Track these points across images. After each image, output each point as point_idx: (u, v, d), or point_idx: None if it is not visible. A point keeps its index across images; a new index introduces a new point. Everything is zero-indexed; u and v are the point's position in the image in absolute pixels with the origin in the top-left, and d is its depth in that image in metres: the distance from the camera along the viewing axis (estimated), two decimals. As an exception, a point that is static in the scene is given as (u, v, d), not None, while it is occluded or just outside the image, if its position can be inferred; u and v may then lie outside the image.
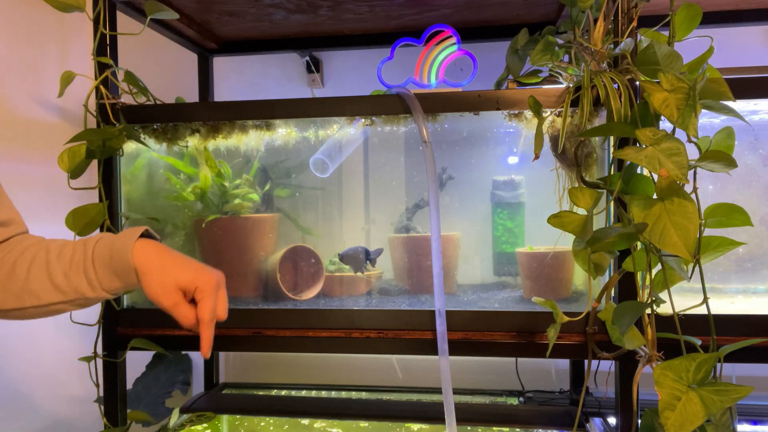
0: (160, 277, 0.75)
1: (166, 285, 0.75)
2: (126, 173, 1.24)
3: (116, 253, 0.77)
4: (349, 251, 1.26)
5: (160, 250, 0.78)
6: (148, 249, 0.77)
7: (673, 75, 0.85)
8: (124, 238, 0.78)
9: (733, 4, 1.35)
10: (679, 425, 0.77)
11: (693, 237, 0.81)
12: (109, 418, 1.18)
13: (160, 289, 0.75)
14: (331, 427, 1.48)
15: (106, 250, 0.78)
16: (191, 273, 0.76)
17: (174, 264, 0.77)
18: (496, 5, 1.33)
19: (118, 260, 0.77)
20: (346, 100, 1.15)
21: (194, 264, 0.78)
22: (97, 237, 0.81)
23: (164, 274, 0.75)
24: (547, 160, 1.16)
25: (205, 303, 0.76)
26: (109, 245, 0.78)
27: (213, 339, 0.77)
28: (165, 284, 0.75)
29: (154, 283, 0.75)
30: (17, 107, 1.39)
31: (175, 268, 0.76)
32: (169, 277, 0.75)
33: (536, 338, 1.09)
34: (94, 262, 0.78)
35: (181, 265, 0.77)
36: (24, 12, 1.41)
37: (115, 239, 0.79)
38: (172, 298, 0.75)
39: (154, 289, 0.75)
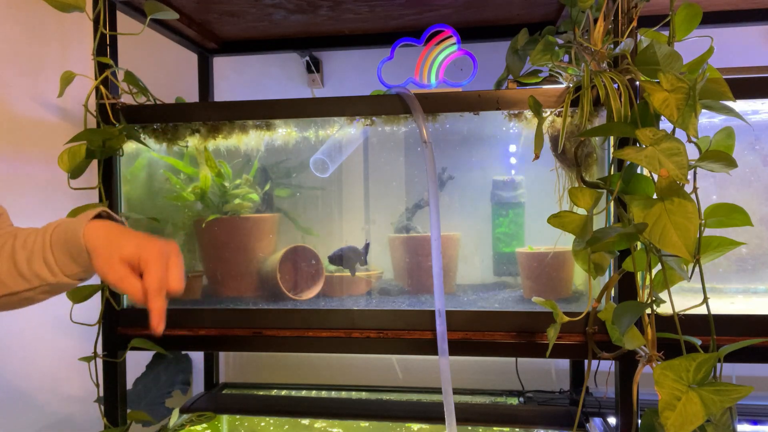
0: (105, 251, 0.73)
1: (110, 259, 0.72)
2: (126, 173, 1.24)
3: (70, 235, 0.76)
4: (338, 252, 1.26)
5: (110, 228, 0.76)
6: (97, 228, 0.75)
7: (673, 75, 0.85)
8: (78, 220, 0.77)
9: (733, 4, 1.35)
10: (679, 425, 0.77)
11: (693, 237, 0.81)
12: (109, 418, 1.18)
13: (105, 264, 0.73)
14: (331, 426, 1.49)
15: (62, 235, 0.77)
16: (133, 242, 0.73)
17: (118, 238, 0.74)
18: (496, 5, 1.33)
19: (72, 242, 0.75)
20: (346, 100, 1.15)
21: (140, 236, 0.75)
22: (57, 222, 0.80)
23: (108, 249, 0.73)
24: (547, 160, 1.16)
25: (150, 272, 0.71)
26: (65, 228, 0.77)
27: (165, 312, 0.72)
28: (109, 258, 0.72)
29: (100, 259, 0.73)
30: (17, 107, 1.39)
31: (118, 241, 0.74)
32: (113, 251, 0.73)
33: (536, 338, 1.09)
34: (52, 247, 0.77)
35: (125, 237, 0.74)
36: (24, 12, 1.41)
37: (71, 222, 0.78)
38: (118, 272, 0.72)
39: (100, 265, 0.73)
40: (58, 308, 1.16)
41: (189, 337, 1.19)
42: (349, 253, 1.15)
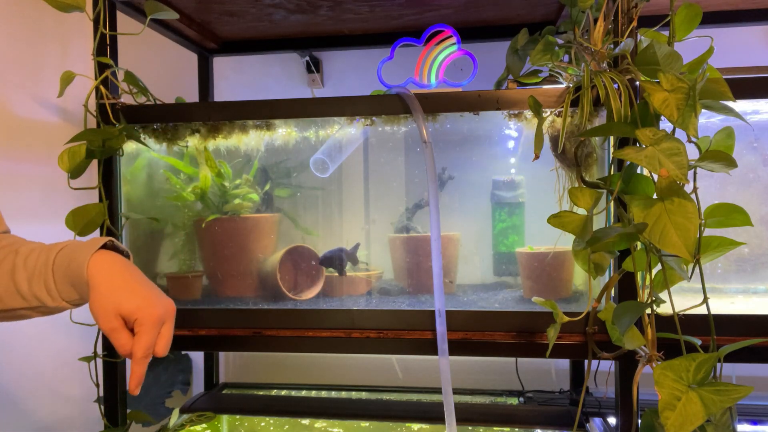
0: (103, 297, 0.72)
1: (106, 308, 0.71)
2: (126, 173, 1.24)
3: (73, 264, 0.75)
4: (327, 254, 1.25)
5: (115, 267, 0.74)
6: (102, 264, 0.74)
7: (673, 75, 0.85)
8: (83, 249, 0.76)
9: (733, 4, 1.35)
10: (679, 425, 0.77)
11: (693, 237, 0.81)
12: (109, 418, 1.18)
13: (101, 310, 0.71)
14: (332, 426, 1.49)
15: (66, 260, 0.76)
16: (135, 302, 0.72)
17: (121, 287, 0.73)
18: (496, 5, 1.33)
19: (75, 272, 0.74)
20: (346, 100, 1.15)
21: (143, 291, 0.74)
22: (62, 244, 0.79)
23: (107, 296, 0.72)
24: (547, 160, 1.16)
25: (141, 338, 0.71)
26: (69, 255, 0.76)
27: (143, 376, 0.72)
28: (105, 307, 0.71)
29: (96, 302, 0.72)
30: (17, 107, 1.39)
31: (120, 292, 0.72)
32: (111, 300, 0.71)
33: (536, 338, 1.09)
34: (54, 272, 0.76)
35: (127, 289, 0.73)
36: (24, 12, 1.41)
37: (75, 249, 0.76)
38: (110, 323, 0.71)
39: (95, 308, 0.72)
40: (58, 308, 1.16)
41: (189, 337, 1.19)
42: (338, 254, 1.15)
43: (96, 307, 0.72)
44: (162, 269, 1.37)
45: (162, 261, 1.38)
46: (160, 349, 0.73)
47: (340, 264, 1.25)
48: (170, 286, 1.31)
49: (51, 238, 1.39)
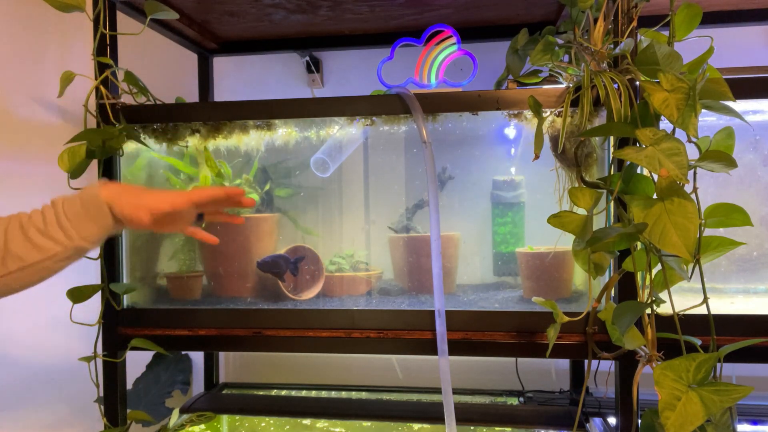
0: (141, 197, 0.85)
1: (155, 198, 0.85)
2: (126, 173, 1.24)
3: (86, 199, 0.83)
4: (267, 259, 1.24)
5: (125, 185, 0.89)
6: (113, 188, 0.86)
7: (673, 75, 0.85)
8: (86, 189, 0.86)
9: (733, 4, 1.35)
10: (679, 425, 0.77)
11: (693, 237, 0.81)
12: (109, 418, 1.18)
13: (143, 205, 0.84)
14: (333, 426, 1.49)
15: (76, 201, 0.84)
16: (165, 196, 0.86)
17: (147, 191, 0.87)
18: (496, 5, 1.33)
19: (90, 205, 0.83)
20: (346, 100, 1.15)
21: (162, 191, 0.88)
22: (59, 198, 0.85)
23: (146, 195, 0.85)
24: (547, 160, 1.16)
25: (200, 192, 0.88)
26: (75, 198, 0.84)
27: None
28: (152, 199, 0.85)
29: (133, 203, 0.84)
30: (17, 107, 1.39)
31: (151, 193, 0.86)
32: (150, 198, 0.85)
33: (536, 338, 1.09)
34: (66, 214, 0.82)
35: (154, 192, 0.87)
36: (24, 12, 1.41)
37: (80, 193, 0.85)
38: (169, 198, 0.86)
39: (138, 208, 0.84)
40: (58, 308, 1.16)
41: (189, 337, 1.19)
42: (278, 260, 1.14)
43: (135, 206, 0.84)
44: (162, 269, 1.37)
45: (162, 261, 1.38)
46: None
47: (278, 270, 1.23)
48: (170, 286, 1.31)
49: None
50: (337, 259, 1.32)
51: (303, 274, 1.31)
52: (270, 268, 1.24)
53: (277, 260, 1.17)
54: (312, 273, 1.31)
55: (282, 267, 1.19)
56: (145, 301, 1.29)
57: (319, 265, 1.30)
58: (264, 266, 1.23)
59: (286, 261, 1.12)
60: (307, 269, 1.31)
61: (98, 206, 0.83)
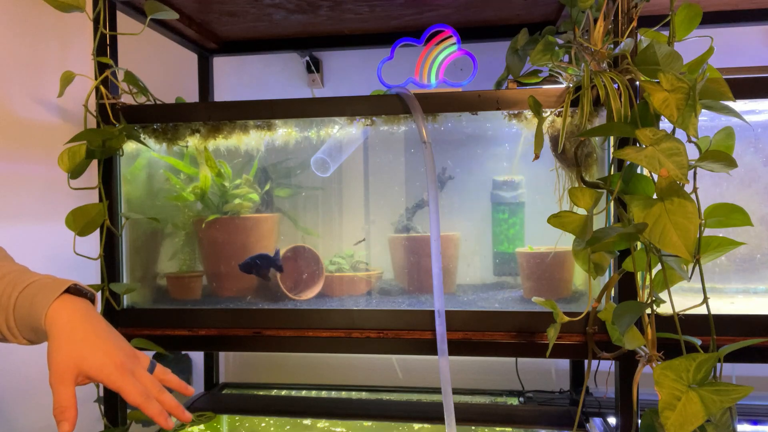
0: (62, 351, 0.69)
1: (64, 362, 0.69)
2: (126, 173, 1.24)
3: (33, 309, 0.72)
4: (248, 260, 1.23)
5: (74, 316, 0.72)
6: (61, 313, 0.71)
7: (673, 75, 0.85)
8: (45, 293, 0.73)
9: (733, 4, 1.35)
10: (679, 425, 0.77)
11: (693, 237, 0.81)
12: (109, 418, 1.18)
13: (58, 363, 0.69)
14: (334, 426, 1.48)
15: (27, 303, 0.73)
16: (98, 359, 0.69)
17: (82, 340, 0.70)
18: (496, 5, 1.33)
19: (34, 317, 0.72)
20: (346, 100, 1.15)
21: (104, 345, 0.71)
22: (28, 281, 0.75)
23: (67, 351, 0.69)
24: (547, 160, 1.16)
25: (125, 387, 0.69)
26: (31, 298, 0.73)
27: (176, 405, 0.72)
28: (64, 361, 0.69)
29: (54, 354, 0.69)
30: (17, 107, 1.39)
31: (81, 345, 0.70)
32: (71, 355, 0.69)
33: (536, 338, 1.09)
34: (15, 312, 0.74)
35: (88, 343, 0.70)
36: (24, 12, 1.41)
37: (39, 290, 0.73)
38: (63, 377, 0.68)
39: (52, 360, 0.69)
40: (58, 308, 1.16)
41: (189, 337, 1.19)
42: (259, 260, 1.13)
43: (53, 359, 0.69)
44: (162, 269, 1.37)
45: (162, 261, 1.38)
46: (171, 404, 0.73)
47: (261, 270, 1.22)
48: (170, 286, 1.31)
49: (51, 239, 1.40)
50: (337, 259, 1.32)
51: (302, 274, 1.31)
52: (251, 269, 1.23)
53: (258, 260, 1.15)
54: (312, 273, 1.31)
55: (263, 265, 1.17)
56: (145, 301, 1.29)
57: (319, 265, 1.30)
58: (245, 267, 1.23)
59: (267, 259, 1.10)
60: (307, 269, 1.31)
61: (40, 328, 0.72)
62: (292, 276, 1.31)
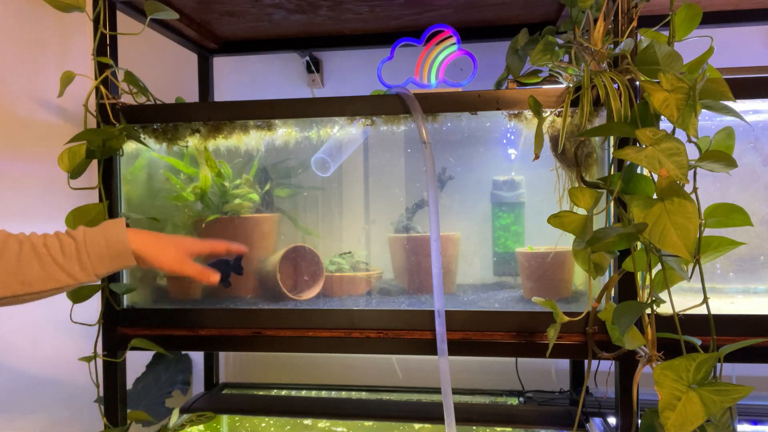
0: (169, 249, 0.91)
1: (178, 253, 0.92)
2: (126, 173, 1.24)
3: (112, 241, 0.86)
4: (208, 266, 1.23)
5: (152, 233, 0.92)
6: (140, 235, 0.90)
7: (673, 75, 0.85)
8: (114, 228, 0.88)
9: (733, 4, 1.35)
10: (679, 425, 0.77)
11: (693, 237, 0.81)
12: (109, 418, 1.18)
13: (174, 256, 0.92)
14: (335, 426, 1.49)
15: (101, 241, 0.86)
16: (192, 241, 0.96)
17: (173, 240, 0.94)
18: (496, 5, 1.33)
19: (116, 247, 0.86)
20: (346, 100, 1.15)
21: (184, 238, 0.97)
22: (81, 229, 0.87)
23: (173, 246, 0.92)
24: (547, 160, 1.16)
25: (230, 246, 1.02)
26: (102, 237, 0.86)
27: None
28: (177, 253, 0.92)
29: (164, 254, 0.91)
30: (17, 107, 1.39)
31: (177, 241, 0.94)
32: (178, 247, 0.93)
33: (536, 338, 1.09)
34: (88, 252, 0.85)
35: (180, 239, 0.95)
36: (24, 12, 1.41)
37: (104, 230, 0.87)
38: (186, 260, 0.93)
39: (167, 259, 0.91)
40: (58, 308, 1.16)
41: (189, 337, 1.19)
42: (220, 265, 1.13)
43: (165, 256, 0.91)
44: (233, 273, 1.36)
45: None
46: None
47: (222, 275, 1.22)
48: (170, 286, 1.31)
49: (51, 238, 1.39)
50: (337, 259, 1.32)
51: (303, 274, 1.31)
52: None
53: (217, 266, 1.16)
54: (312, 273, 1.31)
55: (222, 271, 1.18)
56: (145, 301, 1.29)
57: (319, 265, 1.30)
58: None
59: (227, 264, 1.13)
60: (307, 269, 1.31)
61: (125, 253, 0.87)
62: (292, 276, 1.31)
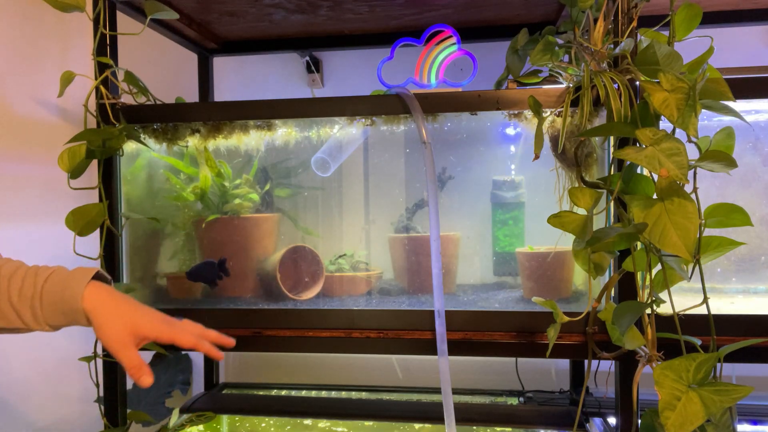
0: (114, 321, 0.77)
1: (121, 329, 0.76)
2: (126, 173, 1.24)
3: (67, 294, 0.77)
4: (194, 269, 1.24)
5: (113, 295, 0.79)
6: (99, 294, 0.78)
7: (673, 75, 0.85)
8: (75, 279, 0.78)
9: (733, 4, 1.35)
10: (679, 425, 0.77)
11: (693, 237, 0.81)
12: (109, 418, 1.18)
13: (115, 332, 0.76)
14: (335, 426, 1.48)
15: (57, 289, 0.77)
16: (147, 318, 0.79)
17: (129, 311, 0.78)
18: (496, 5, 1.33)
19: (68, 301, 0.77)
20: (346, 100, 1.15)
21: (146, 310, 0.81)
22: (49, 270, 0.80)
23: (119, 319, 0.77)
24: (547, 160, 1.16)
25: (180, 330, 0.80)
26: (61, 284, 0.78)
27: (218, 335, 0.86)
28: (120, 328, 0.76)
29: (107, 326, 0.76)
30: (17, 107, 1.39)
31: (131, 314, 0.78)
32: (124, 321, 0.77)
33: (536, 338, 1.09)
34: (42, 299, 0.77)
35: (137, 310, 0.79)
36: (24, 12, 1.41)
37: (67, 278, 0.78)
38: (125, 341, 0.76)
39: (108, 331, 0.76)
40: (58, 308, 1.16)
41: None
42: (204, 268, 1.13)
43: (108, 330, 0.76)
44: (162, 269, 1.37)
45: (162, 261, 1.38)
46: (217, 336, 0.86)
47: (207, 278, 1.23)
48: (170, 286, 1.31)
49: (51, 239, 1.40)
50: (337, 259, 1.32)
51: (303, 274, 1.31)
52: (197, 278, 1.24)
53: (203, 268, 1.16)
54: (312, 273, 1.31)
55: (209, 273, 1.19)
56: (145, 301, 1.29)
57: (319, 265, 1.30)
58: (191, 276, 1.24)
59: (212, 266, 1.13)
60: (307, 269, 1.31)
61: (77, 311, 0.77)
62: (292, 276, 1.31)
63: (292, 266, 1.31)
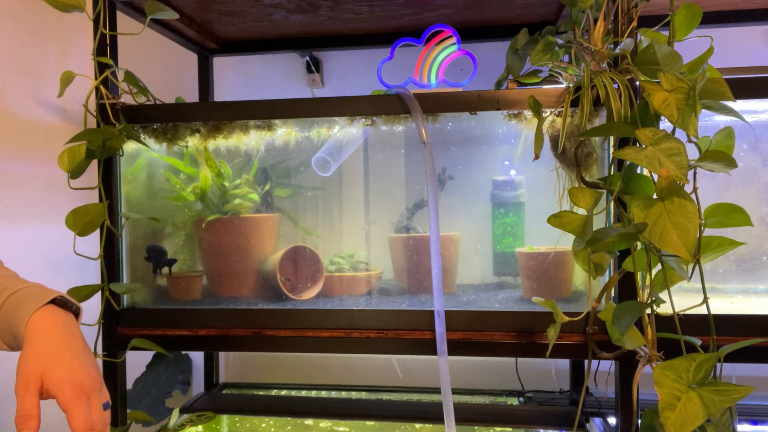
0: (30, 359, 0.69)
1: (29, 369, 0.68)
2: (126, 173, 1.24)
3: (16, 316, 0.73)
4: (150, 247, 1.24)
5: (53, 329, 0.72)
6: (41, 324, 0.71)
7: (673, 75, 0.85)
8: (30, 301, 0.73)
9: (733, 4, 1.35)
10: (679, 425, 0.77)
11: (693, 237, 0.81)
12: (109, 418, 1.18)
13: (24, 370, 0.68)
14: (336, 426, 1.49)
15: (12, 309, 0.73)
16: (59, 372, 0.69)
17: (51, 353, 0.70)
18: (496, 5, 1.33)
19: (16, 324, 0.72)
20: (346, 100, 1.15)
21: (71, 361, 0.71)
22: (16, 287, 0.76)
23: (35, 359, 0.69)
24: (547, 160, 1.16)
25: (72, 412, 0.69)
26: (16, 305, 0.73)
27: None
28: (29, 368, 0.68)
29: (23, 361, 0.69)
30: (17, 107, 1.39)
31: (48, 358, 0.69)
32: (37, 363, 0.69)
33: (536, 338, 1.09)
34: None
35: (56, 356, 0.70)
36: (24, 12, 1.41)
37: (25, 298, 0.74)
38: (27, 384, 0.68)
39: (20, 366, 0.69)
40: (58, 308, 1.16)
41: (189, 337, 1.19)
42: (154, 251, 1.12)
43: (21, 366, 0.69)
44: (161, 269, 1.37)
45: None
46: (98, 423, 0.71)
47: (155, 262, 1.22)
48: (170, 286, 1.31)
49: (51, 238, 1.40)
50: (337, 259, 1.32)
51: (303, 274, 1.31)
52: (149, 256, 1.25)
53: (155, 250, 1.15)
54: (312, 273, 1.31)
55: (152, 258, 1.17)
56: (145, 301, 1.29)
57: (319, 265, 1.30)
58: (150, 250, 1.25)
59: (161, 252, 1.11)
60: (307, 269, 1.31)
61: (19, 335, 0.72)
62: (292, 276, 1.31)
63: (292, 266, 1.31)
